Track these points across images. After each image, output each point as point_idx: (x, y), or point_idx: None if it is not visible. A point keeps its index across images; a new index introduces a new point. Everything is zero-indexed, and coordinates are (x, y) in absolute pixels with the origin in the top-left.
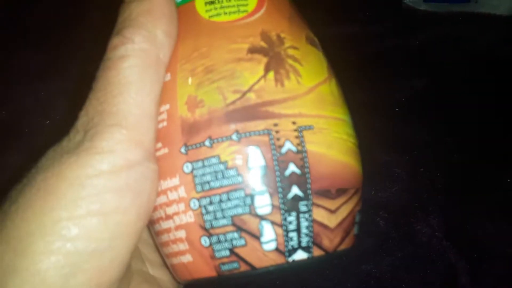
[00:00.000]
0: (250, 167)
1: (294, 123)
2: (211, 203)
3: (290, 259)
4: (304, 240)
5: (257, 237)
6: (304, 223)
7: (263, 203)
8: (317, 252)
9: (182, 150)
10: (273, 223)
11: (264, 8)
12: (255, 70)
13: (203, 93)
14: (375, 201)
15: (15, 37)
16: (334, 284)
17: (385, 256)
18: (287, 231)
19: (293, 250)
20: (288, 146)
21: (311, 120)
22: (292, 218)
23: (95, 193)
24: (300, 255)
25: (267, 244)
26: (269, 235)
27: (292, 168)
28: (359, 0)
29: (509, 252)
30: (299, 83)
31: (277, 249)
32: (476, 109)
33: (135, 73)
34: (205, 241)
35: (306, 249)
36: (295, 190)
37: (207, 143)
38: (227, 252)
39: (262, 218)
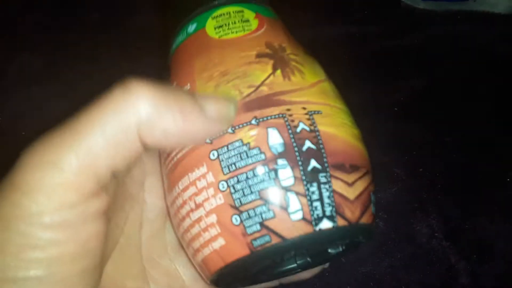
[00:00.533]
0: (271, 145)
1: (304, 108)
2: (238, 181)
3: (317, 228)
4: (328, 209)
5: (284, 208)
6: (325, 193)
7: (286, 175)
8: (341, 221)
9: (207, 140)
10: (297, 193)
11: (265, 27)
12: (264, 69)
13: (221, 92)
14: (375, 202)
15: (11, 40)
16: (334, 286)
17: (384, 258)
18: (311, 201)
19: (319, 219)
20: (302, 126)
21: (318, 107)
22: (314, 188)
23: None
24: (325, 224)
25: (294, 214)
26: (295, 205)
27: (308, 144)
28: (357, 0)
29: (509, 252)
30: (304, 79)
31: (304, 219)
32: (476, 109)
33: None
34: (236, 219)
35: (331, 218)
36: (313, 163)
37: (229, 130)
38: (258, 227)
39: (287, 189)
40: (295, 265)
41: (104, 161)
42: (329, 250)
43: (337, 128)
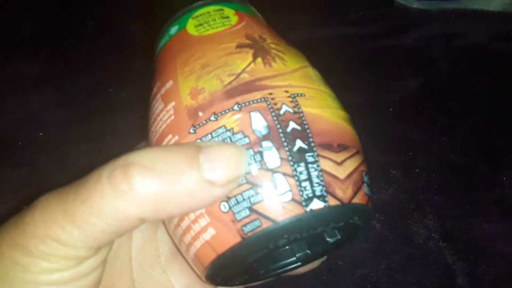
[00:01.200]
0: (254, 128)
1: (286, 91)
2: None
3: (307, 209)
4: (318, 189)
5: (272, 190)
6: (314, 173)
7: (272, 157)
8: (332, 201)
9: (191, 130)
10: (284, 174)
11: (245, 22)
12: (244, 58)
13: (203, 82)
14: (371, 203)
15: (7, 49)
16: None
17: (381, 260)
18: (299, 181)
19: (309, 199)
20: (285, 108)
21: (301, 89)
22: (301, 168)
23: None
24: (316, 204)
25: (283, 196)
26: (283, 186)
27: (292, 125)
28: (351, 1)
29: (506, 252)
30: (285, 65)
31: (293, 200)
32: (471, 107)
33: None
34: (224, 206)
35: (321, 197)
36: (299, 143)
37: (212, 118)
38: (247, 212)
39: (273, 171)
40: (294, 258)
41: (105, 237)
42: (327, 238)
43: (322, 109)
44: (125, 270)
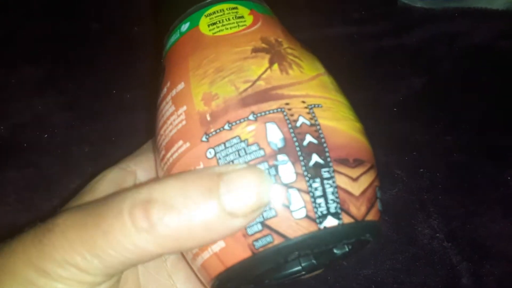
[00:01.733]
0: (270, 140)
1: (303, 102)
2: None
3: (321, 226)
4: (332, 206)
5: (286, 205)
6: (329, 189)
7: (287, 172)
8: (346, 219)
9: (203, 138)
10: (299, 190)
11: (260, 23)
12: (260, 63)
13: (217, 88)
14: (381, 198)
15: (11, 51)
16: None
17: (386, 260)
18: (314, 197)
19: (323, 217)
20: (302, 120)
21: (318, 100)
22: (317, 184)
23: None
24: (330, 222)
25: (297, 212)
26: (297, 202)
27: (309, 138)
28: (354, 0)
29: (511, 252)
30: (302, 72)
31: (307, 216)
32: (475, 106)
33: None
34: None
35: (336, 215)
36: (315, 158)
37: (226, 127)
38: (259, 226)
39: (288, 186)
40: (299, 267)
41: (122, 267)
42: (335, 251)
43: (338, 121)
44: (131, 275)
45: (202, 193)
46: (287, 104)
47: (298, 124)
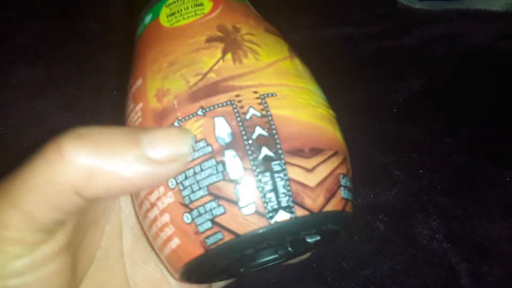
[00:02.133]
0: (217, 136)
1: (255, 92)
2: (186, 177)
3: (272, 221)
4: (284, 200)
5: (234, 202)
6: (280, 183)
7: (235, 167)
8: (300, 211)
9: None
10: (248, 186)
11: (219, 9)
12: (213, 54)
13: (169, 83)
14: (375, 205)
15: (11, 52)
16: None
17: (385, 260)
18: (263, 192)
19: (274, 211)
20: (252, 112)
21: (273, 89)
22: (266, 178)
23: None
24: (282, 216)
25: (245, 208)
26: (246, 198)
27: (259, 131)
28: (354, 1)
29: (510, 253)
30: (258, 60)
31: (257, 212)
32: (475, 107)
33: None
34: (187, 217)
35: (287, 208)
36: (265, 151)
37: (176, 124)
38: (209, 224)
39: (236, 182)
40: (276, 255)
41: (46, 216)
42: (307, 239)
43: (294, 109)
44: (117, 267)
45: (122, 135)
46: (237, 96)
47: (248, 116)
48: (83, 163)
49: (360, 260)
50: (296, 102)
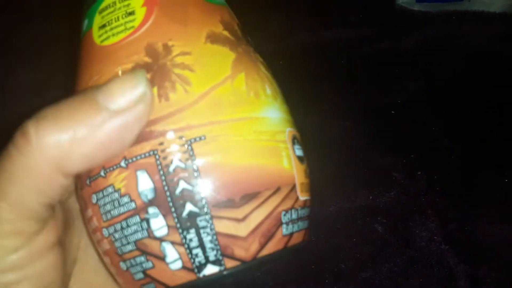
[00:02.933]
0: (140, 191)
1: (181, 137)
2: (115, 231)
3: (200, 275)
4: (212, 254)
5: (161, 258)
6: (206, 238)
7: (159, 225)
8: (230, 263)
9: (87, 182)
10: (173, 243)
11: (152, 19)
12: None
13: None
14: (373, 207)
15: (9, 54)
16: None
17: (383, 263)
18: (189, 249)
19: (202, 266)
20: (176, 163)
21: (202, 130)
22: (191, 235)
23: None
24: (210, 270)
25: (173, 264)
26: (172, 255)
27: (182, 185)
28: (352, 3)
29: (508, 254)
30: (187, 92)
31: (184, 267)
32: (473, 109)
33: None
34: (123, 265)
35: (216, 262)
36: (189, 207)
37: (102, 173)
38: (141, 275)
39: (161, 239)
40: None
41: (33, 202)
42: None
43: (226, 153)
44: (100, 266)
45: (81, 101)
46: (161, 144)
47: (171, 169)
48: (51, 141)
49: (359, 262)
50: (228, 143)
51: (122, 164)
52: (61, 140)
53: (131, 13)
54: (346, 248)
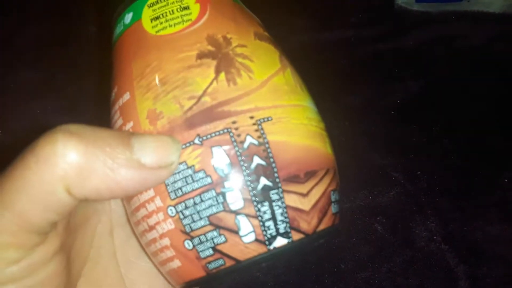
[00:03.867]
0: (216, 166)
1: (252, 117)
2: (186, 207)
3: (271, 247)
4: (282, 227)
5: (235, 231)
6: (278, 211)
7: (235, 198)
8: (296, 236)
9: None
10: (248, 215)
11: (207, 14)
12: (206, 74)
13: (161, 105)
14: (373, 207)
15: (9, 56)
16: None
17: (383, 262)
18: (263, 221)
19: (273, 238)
20: (250, 140)
21: (268, 112)
22: (265, 208)
23: None
24: (280, 242)
25: (246, 237)
26: (246, 228)
27: (257, 160)
28: (351, 4)
29: (508, 255)
30: (251, 79)
31: (256, 240)
32: (472, 109)
33: None
34: (188, 244)
35: (285, 234)
36: (263, 181)
37: None
38: (211, 251)
39: (236, 213)
40: None
41: (39, 217)
42: None
43: (289, 133)
44: (111, 266)
45: (113, 136)
46: (234, 122)
47: (246, 145)
48: (75, 160)
49: (358, 262)
50: (290, 124)
51: (196, 141)
52: (85, 163)
53: (186, 8)
54: (346, 248)
